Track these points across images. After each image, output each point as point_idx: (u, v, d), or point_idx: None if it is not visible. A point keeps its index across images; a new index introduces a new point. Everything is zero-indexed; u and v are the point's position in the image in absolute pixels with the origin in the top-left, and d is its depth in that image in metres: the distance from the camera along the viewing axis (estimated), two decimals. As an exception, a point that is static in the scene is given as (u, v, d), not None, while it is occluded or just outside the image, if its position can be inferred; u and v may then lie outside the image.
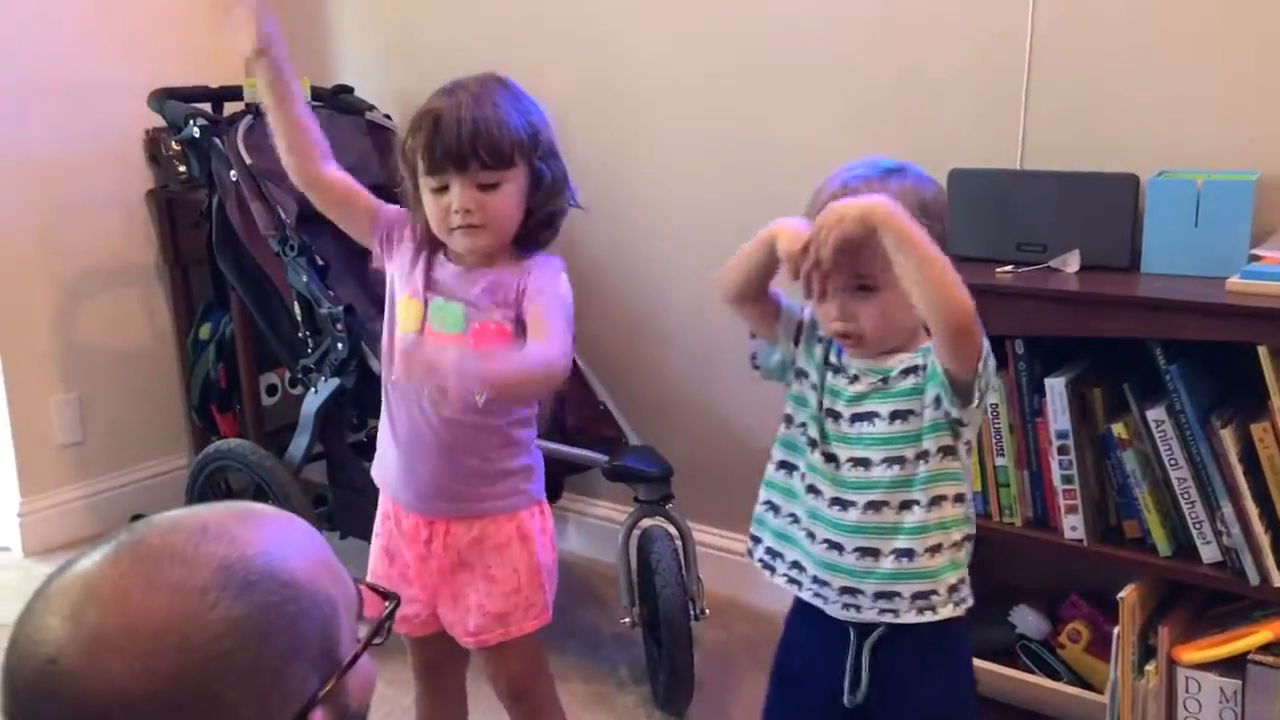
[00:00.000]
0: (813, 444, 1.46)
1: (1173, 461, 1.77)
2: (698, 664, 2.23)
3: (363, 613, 0.92)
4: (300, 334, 2.44)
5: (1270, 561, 1.72)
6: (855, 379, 1.44)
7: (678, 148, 2.57)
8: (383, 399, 1.72)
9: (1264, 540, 1.72)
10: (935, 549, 1.42)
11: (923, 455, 1.40)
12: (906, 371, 1.41)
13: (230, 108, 2.77)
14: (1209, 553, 1.79)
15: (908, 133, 2.23)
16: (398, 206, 1.71)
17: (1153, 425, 1.77)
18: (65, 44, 2.92)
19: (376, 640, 0.91)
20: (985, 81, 2.14)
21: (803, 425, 1.48)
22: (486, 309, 1.61)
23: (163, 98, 2.67)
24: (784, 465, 1.51)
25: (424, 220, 1.62)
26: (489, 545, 1.68)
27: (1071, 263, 1.91)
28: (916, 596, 1.42)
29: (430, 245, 1.66)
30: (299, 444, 2.55)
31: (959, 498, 1.43)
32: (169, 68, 2.96)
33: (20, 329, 2.94)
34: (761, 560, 1.54)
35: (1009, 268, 1.92)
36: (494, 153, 1.54)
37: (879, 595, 1.43)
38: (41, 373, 2.99)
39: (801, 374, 1.50)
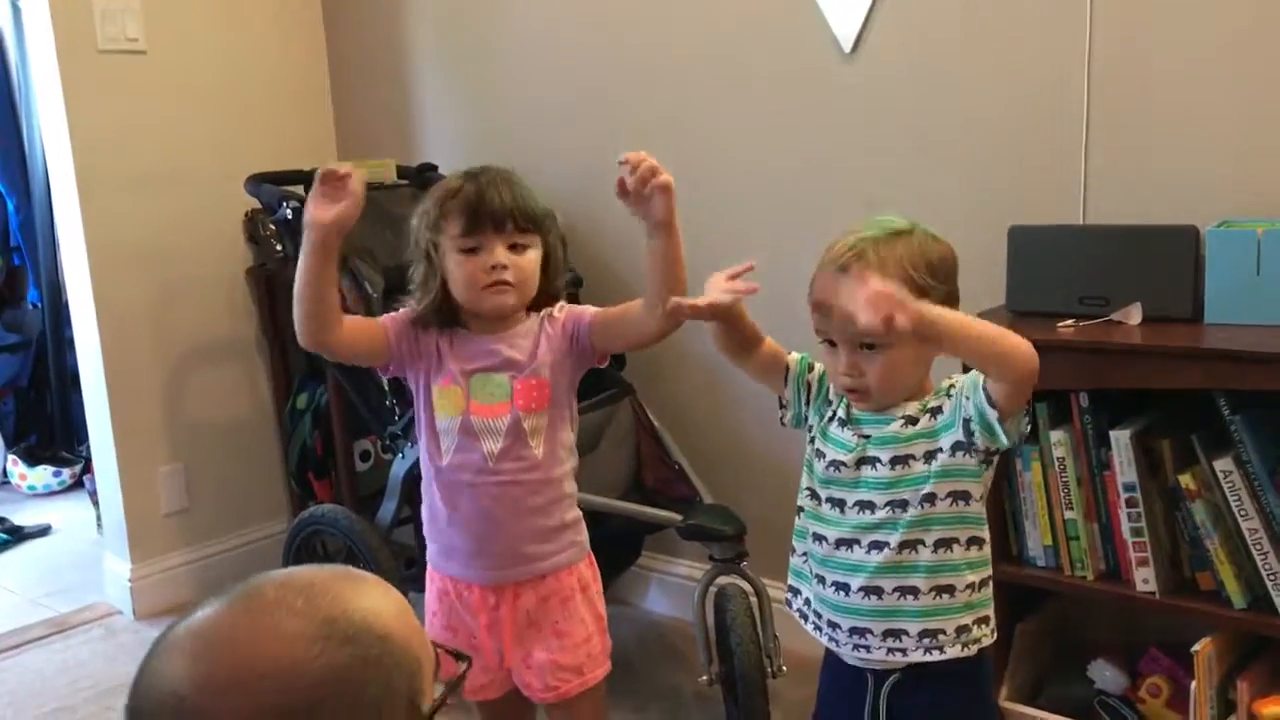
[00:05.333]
0: (814, 495, 1.52)
1: (1243, 512, 1.76)
2: (776, 721, 2.24)
3: (438, 673, 0.99)
4: (388, 402, 2.55)
5: (1347, 613, 1.69)
6: (863, 435, 1.48)
7: (747, 202, 2.62)
8: (427, 489, 1.78)
9: (1340, 591, 1.70)
10: (945, 589, 1.44)
11: (928, 498, 1.43)
12: (909, 420, 1.45)
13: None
14: (1285, 605, 1.76)
15: (968, 189, 2.27)
16: (399, 313, 1.77)
17: (1220, 476, 1.77)
18: (170, 137, 3.10)
19: (450, 700, 0.98)
20: (1044, 137, 2.17)
21: (809, 485, 1.54)
22: (523, 366, 1.70)
23: (258, 181, 2.83)
24: (800, 510, 1.56)
25: (435, 298, 1.70)
26: (555, 601, 1.75)
27: (1134, 315, 1.92)
28: (923, 635, 1.45)
29: (444, 322, 1.73)
30: (387, 508, 2.64)
31: (974, 541, 1.46)
32: (263, 153, 3.13)
33: (130, 402, 3.10)
34: (800, 611, 1.59)
35: (1071, 322, 1.94)
36: (527, 217, 1.69)
37: (887, 634, 1.47)
38: (149, 444, 3.15)
39: (810, 429, 1.56)
